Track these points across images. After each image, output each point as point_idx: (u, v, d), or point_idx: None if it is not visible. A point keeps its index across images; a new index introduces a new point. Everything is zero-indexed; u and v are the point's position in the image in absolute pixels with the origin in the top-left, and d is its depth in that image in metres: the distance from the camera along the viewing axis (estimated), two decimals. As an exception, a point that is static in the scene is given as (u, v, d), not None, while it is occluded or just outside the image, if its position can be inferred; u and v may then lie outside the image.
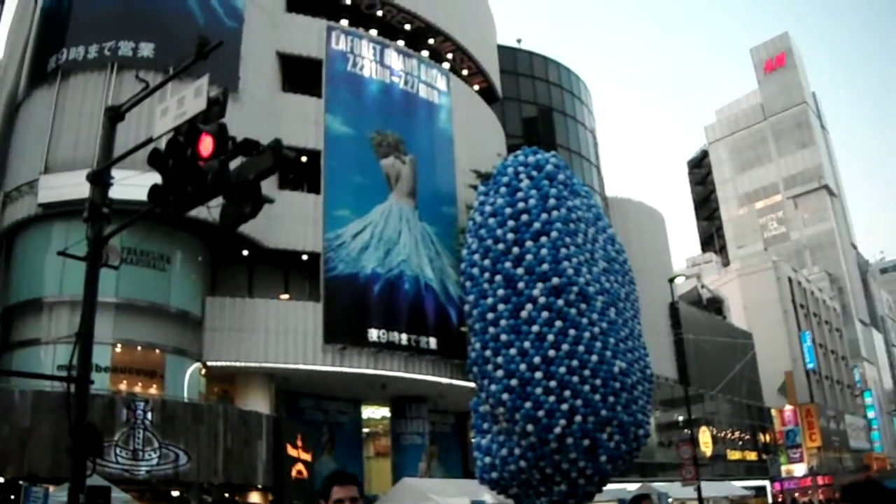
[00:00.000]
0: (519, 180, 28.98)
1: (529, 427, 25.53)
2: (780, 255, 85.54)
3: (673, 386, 45.28)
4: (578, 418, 25.72)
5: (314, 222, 27.57)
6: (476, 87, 38.58)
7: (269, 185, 26.66)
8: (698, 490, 29.69)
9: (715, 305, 62.53)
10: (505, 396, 25.70)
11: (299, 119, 28.15)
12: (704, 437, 48.66)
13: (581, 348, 26.32)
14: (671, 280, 33.71)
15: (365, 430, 33.89)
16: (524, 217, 27.57)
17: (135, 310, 23.92)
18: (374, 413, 34.50)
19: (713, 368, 51.23)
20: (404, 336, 28.52)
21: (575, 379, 25.86)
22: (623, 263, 31.52)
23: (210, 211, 23.22)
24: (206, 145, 8.58)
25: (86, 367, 11.49)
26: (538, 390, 25.59)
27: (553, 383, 25.58)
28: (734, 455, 53.76)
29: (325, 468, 29.75)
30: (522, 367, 25.66)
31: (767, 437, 60.16)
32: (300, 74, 29.40)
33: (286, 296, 27.93)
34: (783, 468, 60.17)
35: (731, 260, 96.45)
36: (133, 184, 14.83)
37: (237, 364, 25.72)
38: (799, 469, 62.91)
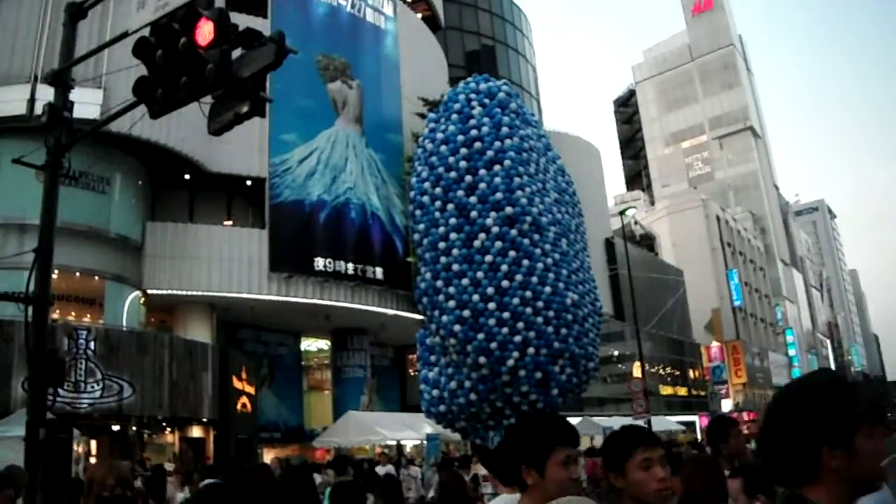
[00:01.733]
0: (471, 107, 28.38)
1: (482, 359, 25.26)
2: (705, 194, 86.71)
3: (608, 321, 45.54)
4: (531, 350, 25.62)
5: (259, 147, 26.44)
6: (419, 15, 37.49)
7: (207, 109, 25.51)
8: (648, 423, 29.95)
9: (647, 242, 63.05)
10: (457, 328, 25.35)
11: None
12: (637, 372, 49.23)
13: (535, 279, 26.13)
14: (622, 213, 33.67)
15: (304, 362, 33.25)
16: (477, 145, 26.98)
17: (73, 234, 22.25)
18: (313, 345, 33.86)
19: (646, 304, 51.68)
20: (350, 265, 27.78)
21: (528, 310, 25.70)
22: (573, 195, 31.43)
23: (153, 130, 21.97)
24: (205, 33, 7.70)
25: (45, 287, 10.61)
26: (491, 321, 25.33)
27: (506, 315, 25.36)
28: (666, 390, 54.71)
29: (266, 402, 29.16)
30: (475, 297, 25.30)
31: (697, 373, 61.32)
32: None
33: (229, 222, 26.86)
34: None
35: (656, 199, 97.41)
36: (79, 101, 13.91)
37: (179, 292, 24.66)
38: (725, 405, 64.27)
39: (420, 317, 20.60)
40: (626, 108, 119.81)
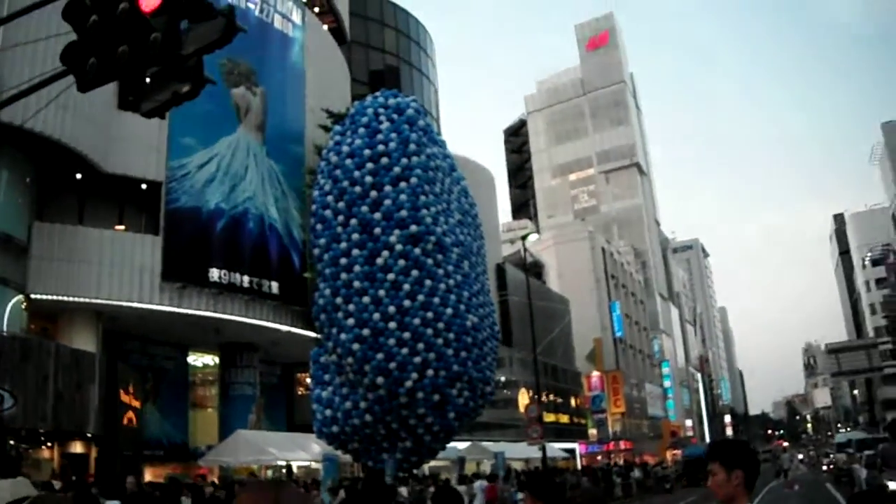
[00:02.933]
0: (379, 122, 27.75)
1: (379, 379, 24.59)
2: (591, 227, 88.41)
3: (497, 347, 45.45)
4: (430, 372, 25.00)
5: (157, 149, 25.20)
6: (325, 27, 36.85)
7: (106, 106, 24.19)
8: (543, 449, 29.90)
9: (535, 270, 63.57)
10: (355, 346, 24.64)
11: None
12: (523, 398, 49.44)
13: (436, 300, 25.59)
14: (524, 238, 33.70)
15: (190, 377, 31.85)
16: (384, 160, 26.44)
17: None
18: (200, 360, 32.49)
19: (535, 332, 51.84)
20: (246, 278, 26.76)
21: (429, 331, 25.12)
22: (475, 217, 31.00)
23: (46, 124, 20.55)
24: (151, -1, 6.97)
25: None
26: (391, 341, 24.68)
27: (407, 335, 24.76)
28: (549, 417, 54.98)
29: (150, 417, 27.74)
30: (376, 316, 24.67)
31: (578, 401, 61.98)
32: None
33: (121, 227, 25.42)
34: (590, 431, 62.26)
35: (542, 229, 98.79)
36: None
37: (65, 298, 23.06)
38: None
39: (314, 334, 19.80)
40: (517, 138, 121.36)
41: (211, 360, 32.32)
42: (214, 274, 25.70)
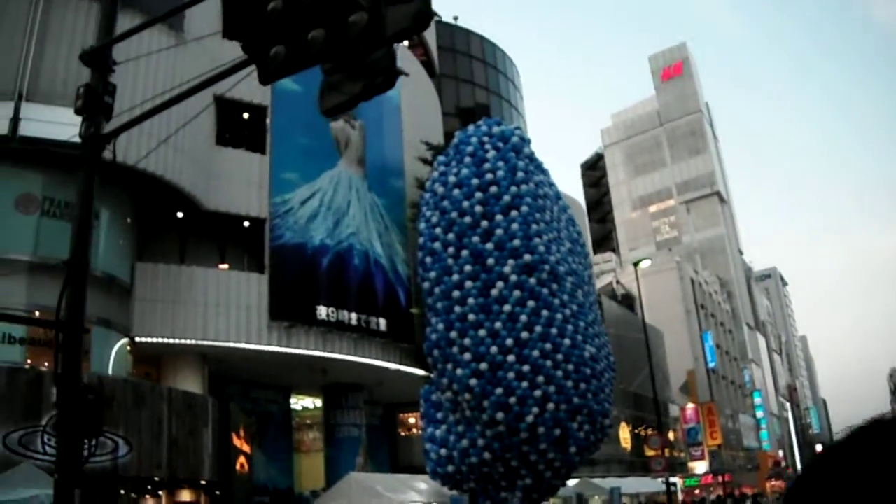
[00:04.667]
0: (485, 150, 26.73)
1: (499, 415, 23.32)
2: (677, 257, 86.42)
3: (614, 378, 44.07)
4: (551, 406, 23.66)
5: (259, 185, 24.63)
6: (417, 60, 36.25)
7: (206, 142, 23.65)
8: (667, 482, 28.36)
9: (628, 302, 61.89)
10: (473, 381, 23.42)
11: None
12: (623, 432, 47.78)
13: (554, 331, 24.30)
14: (636, 264, 32.31)
15: (294, 420, 30.99)
16: (493, 189, 25.37)
17: (54, 272, 20.05)
18: (302, 403, 31.62)
19: (630, 364, 50.32)
20: (354, 315, 25.85)
21: (548, 363, 23.81)
22: (583, 246, 29.70)
23: (148, 160, 19.74)
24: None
25: (79, 309, 8.75)
26: (510, 375, 23.42)
27: (526, 367, 23.49)
28: (650, 452, 53.07)
29: (256, 462, 26.85)
30: (493, 349, 23.45)
31: (674, 435, 59.90)
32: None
33: (225, 266, 24.79)
34: (690, 464, 60.06)
35: (623, 262, 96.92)
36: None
37: (170, 341, 22.39)
38: (700, 467, 63.01)
39: (422, 372, 18.48)
40: (594, 171, 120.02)
41: (311, 402, 31.48)
42: (322, 312, 24.84)
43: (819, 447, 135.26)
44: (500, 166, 26.32)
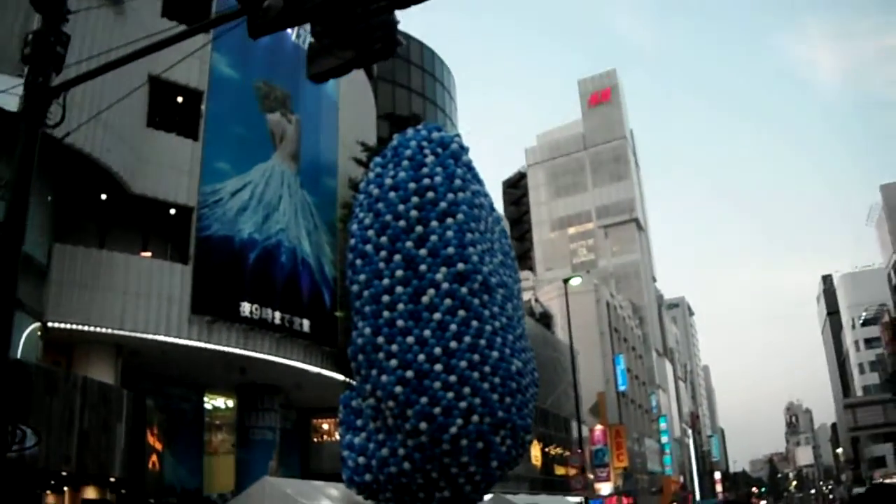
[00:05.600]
0: (423, 155, 26.20)
1: (423, 425, 22.73)
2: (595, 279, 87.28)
3: (537, 394, 43.89)
4: (475, 418, 23.20)
5: (189, 173, 23.59)
6: (354, 59, 35.62)
7: (137, 123, 22.63)
8: (586, 501, 28.19)
9: (545, 321, 62.03)
10: (398, 389, 22.79)
11: (181, 51, 23.97)
12: (535, 451, 47.68)
13: (483, 342, 23.85)
14: (566, 281, 32.19)
15: (206, 420, 29.74)
16: (430, 194, 24.84)
17: None
18: (212, 403, 30.36)
19: (545, 382, 50.32)
20: (278, 314, 24.98)
21: (475, 375, 23.34)
22: (513, 259, 29.38)
23: (77, 136, 18.68)
24: None
25: (12, 274, 7.98)
26: (436, 384, 22.85)
27: (453, 378, 22.95)
28: (560, 470, 53.16)
29: (165, 462, 25.70)
30: (421, 357, 22.85)
31: (585, 455, 60.13)
32: (185, 2, 25.24)
33: (148, 254, 23.66)
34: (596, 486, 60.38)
35: (538, 282, 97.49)
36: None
37: (85, 328, 21.08)
38: (605, 488, 63.45)
39: (342, 377, 17.84)
40: (516, 190, 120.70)
41: (223, 402, 30.34)
42: (246, 308, 23.93)
43: (718, 475, 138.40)
44: (439, 172, 25.80)
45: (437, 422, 22.45)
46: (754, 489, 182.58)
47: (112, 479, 19.05)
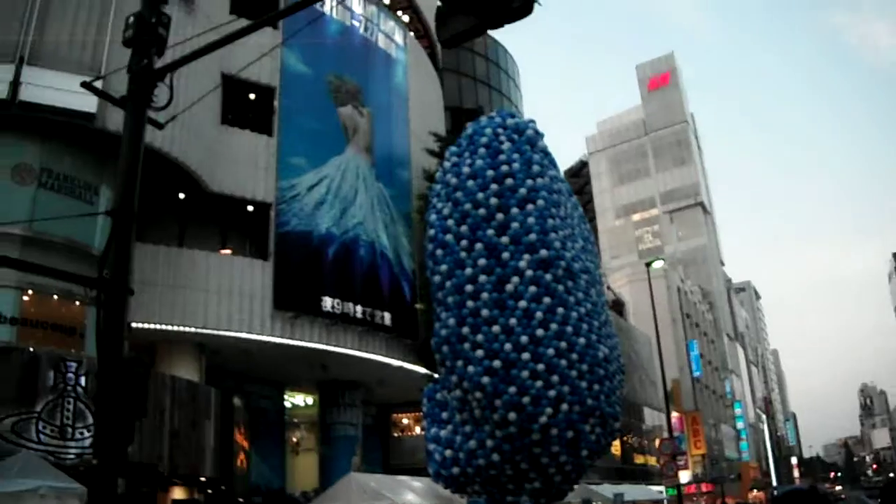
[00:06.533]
0: (500, 142, 25.67)
1: (512, 415, 22.24)
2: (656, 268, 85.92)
3: (624, 381, 43.34)
4: (565, 407, 22.63)
5: (266, 168, 23.46)
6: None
7: (212, 122, 22.50)
8: (678, 488, 27.57)
9: (617, 308, 61.14)
10: (485, 380, 22.32)
11: (253, 49, 23.75)
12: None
13: (569, 329, 23.28)
14: (648, 264, 31.51)
15: (287, 418, 29.66)
16: (508, 181, 24.31)
17: (49, 247, 18.33)
18: (296, 400, 30.29)
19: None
20: (359, 308, 24.70)
21: (563, 362, 22.77)
22: (594, 244, 28.71)
23: (154, 136, 18.50)
24: None
25: (124, 269, 7.68)
26: (524, 373, 22.35)
27: (541, 366, 22.43)
28: (639, 459, 52.44)
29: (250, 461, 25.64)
30: (507, 346, 22.36)
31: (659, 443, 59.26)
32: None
33: (227, 251, 23.55)
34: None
35: (607, 270, 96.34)
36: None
37: (168, 327, 21.06)
38: (683, 476, 62.35)
39: (424, 370, 17.22)
40: (578, 179, 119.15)
41: (302, 400, 30.24)
42: (328, 303, 23.71)
43: (794, 460, 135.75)
44: (516, 158, 25.24)
45: (526, 411, 21.92)
46: (831, 474, 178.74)
47: (202, 479, 18.93)
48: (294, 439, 29.85)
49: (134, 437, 7.30)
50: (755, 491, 75.92)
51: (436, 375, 26.04)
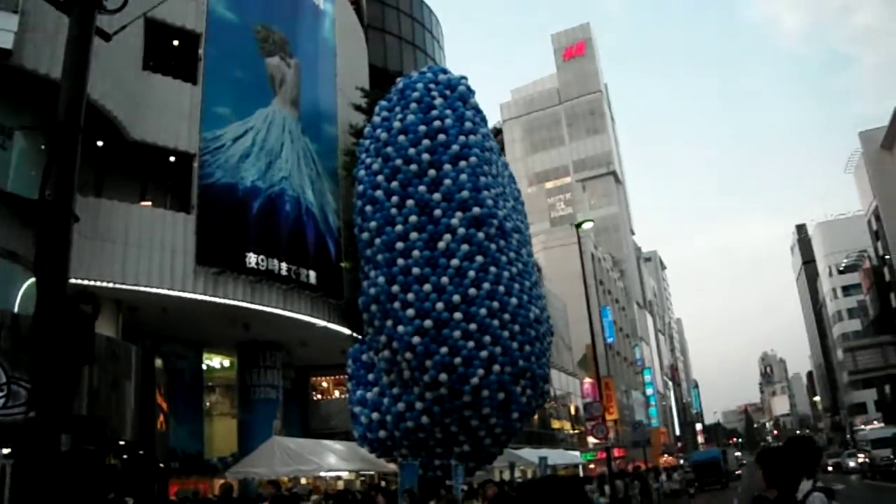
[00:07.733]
0: (432, 97, 25.12)
1: (443, 376, 21.87)
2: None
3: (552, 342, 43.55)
4: (497, 368, 22.39)
5: (189, 117, 22.31)
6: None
7: (134, 67, 21.31)
8: (608, 450, 27.74)
9: (534, 274, 61.36)
10: (416, 339, 21.90)
11: (175, -9, 22.52)
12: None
13: (502, 289, 23.03)
14: (578, 225, 31.39)
15: (205, 380, 28.63)
16: (441, 137, 23.84)
17: None
18: (209, 362, 29.20)
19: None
20: (284, 265, 23.86)
21: (496, 323, 22.51)
22: (523, 204, 28.46)
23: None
24: None
25: (69, 186, 6.92)
26: (456, 334, 22.00)
27: (473, 326, 22.13)
28: (556, 424, 52.96)
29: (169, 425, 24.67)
30: (439, 305, 21.99)
31: (574, 409, 60.07)
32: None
33: (147, 203, 22.41)
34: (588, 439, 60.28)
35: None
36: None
37: (86, 282, 19.86)
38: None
39: (348, 331, 16.58)
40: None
41: (219, 362, 29.27)
42: (252, 259, 22.79)
43: (699, 426, 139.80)
44: (448, 114, 24.73)
45: (457, 373, 21.63)
46: (731, 439, 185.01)
47: (122, 443, 17.95)
48: (208, 403, 28.87)
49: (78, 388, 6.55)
50: (666, 456, 77.75)
51: (361, 336, 25.50)
